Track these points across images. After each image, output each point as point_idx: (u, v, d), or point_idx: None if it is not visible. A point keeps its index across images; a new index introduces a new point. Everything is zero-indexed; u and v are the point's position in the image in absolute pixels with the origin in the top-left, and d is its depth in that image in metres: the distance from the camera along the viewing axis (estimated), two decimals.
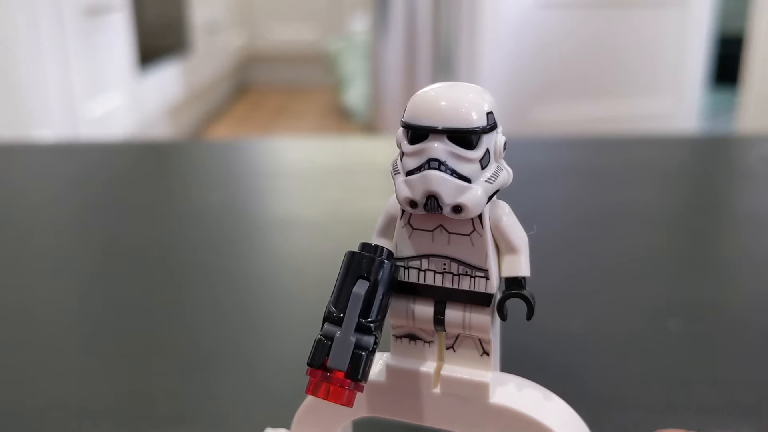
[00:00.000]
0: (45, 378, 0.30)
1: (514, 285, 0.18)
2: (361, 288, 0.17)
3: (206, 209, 0.51)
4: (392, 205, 0.19)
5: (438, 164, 0.17)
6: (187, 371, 0.30)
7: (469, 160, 0.17)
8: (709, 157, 0.66)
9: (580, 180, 0.57)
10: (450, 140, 0.17)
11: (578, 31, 1.81)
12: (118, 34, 1.68)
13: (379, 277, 0.17)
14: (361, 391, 0.17)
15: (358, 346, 0.17)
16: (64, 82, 1.43)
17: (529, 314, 0.18)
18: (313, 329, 0.17)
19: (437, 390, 0.19)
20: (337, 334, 0.17)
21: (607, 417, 0.26)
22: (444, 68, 1.86)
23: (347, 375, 0.17)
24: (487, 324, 0.18)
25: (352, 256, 0.17)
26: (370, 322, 0.17)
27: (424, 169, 0.17)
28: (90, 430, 0.26)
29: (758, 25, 1.66)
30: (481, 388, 0.19)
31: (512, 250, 0.18)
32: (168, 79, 2.04)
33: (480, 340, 0.19)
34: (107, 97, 1.62)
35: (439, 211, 0.17)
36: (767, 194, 0.54)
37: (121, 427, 0.26)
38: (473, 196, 0.17)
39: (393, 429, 0.21)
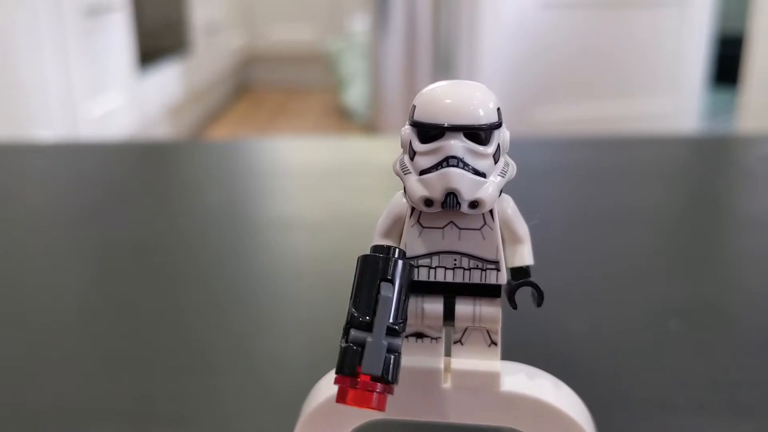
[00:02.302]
0: (45, 378, 0.30)
1: (520, 274, 0.19)
2: (388, 291, 0.17)
3: (206, 210, 0.51)
4: (398, 206, 0.19)
5: (457, 161, 0.17)
6: (187, 371, 0.30)
7: (484, 156, 0.17)
8: (709, 157, 0.66)
9: (580, 180, 0.57)
10: (466, 137, 0.17)
11: (578, 32, 1.81)
12: (118, 34, 1.68)
13: (401, 278, 0.17)
14: (392, 393, 0.17)
15: (388, 349, 0.17)
16: (64, 82, 1.43)
17: (540, 301, 0.18)
18: (313, 329, 0.17)
19: (448, 385, 0.19)
20: (368, 339, 0.16)
21: (606, 416, 0.26)
22: (444, 68, 1.86)
23: (378, 378, 0.16)
24: (498, 315, 0.19)
25: (368, 259, 0.17)
26: (397, 323, 0.17)
27: (443, 167, 0.17)
28: (91, 430, 0.26)
29: (758, 25, 1.66)
30: (493, 378, 0.19)
31: (517, 240, 0.19)
32: (168, 79, 2.04)
33: (488, 331, 0.19)
34: (107, 97, 1.62)
35: (457, 208, 0.17)
36: (767, 194, 0.54)
37: (122, 428, 0.26)
38: (488, 190, 0.17)
39: (392, 428, 0.21)
